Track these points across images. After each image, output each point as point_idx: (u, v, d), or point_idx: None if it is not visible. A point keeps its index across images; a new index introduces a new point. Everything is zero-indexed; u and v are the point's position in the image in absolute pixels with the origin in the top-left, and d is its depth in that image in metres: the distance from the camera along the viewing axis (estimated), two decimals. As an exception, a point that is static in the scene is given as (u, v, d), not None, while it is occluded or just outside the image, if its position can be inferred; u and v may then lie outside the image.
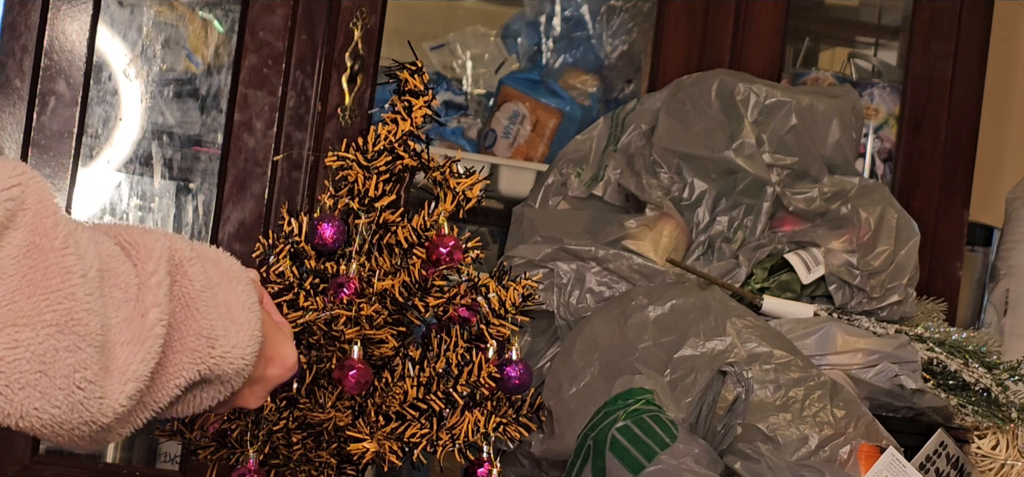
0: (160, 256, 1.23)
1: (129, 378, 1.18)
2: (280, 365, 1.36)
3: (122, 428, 1.22)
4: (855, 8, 2.99)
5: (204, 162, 2.51)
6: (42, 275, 1.15)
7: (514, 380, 1.80)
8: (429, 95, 1.82)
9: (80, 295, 1.16)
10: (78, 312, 1.15)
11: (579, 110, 2.71)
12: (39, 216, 1.15)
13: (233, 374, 1.28)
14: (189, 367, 1.25)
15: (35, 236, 1.15)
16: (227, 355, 1.27)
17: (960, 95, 2.64)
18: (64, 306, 1.15)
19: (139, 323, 1.20)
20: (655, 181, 2.15)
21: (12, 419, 1.15)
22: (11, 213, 1.14)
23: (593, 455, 1.79)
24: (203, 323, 1.25)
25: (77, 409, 1.16)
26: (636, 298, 1.97)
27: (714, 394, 1.87)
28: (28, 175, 1.16)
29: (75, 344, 1.15)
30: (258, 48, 2.39)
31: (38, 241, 1.15)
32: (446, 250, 1.78)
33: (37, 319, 1.14)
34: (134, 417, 1.23)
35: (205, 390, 1.29)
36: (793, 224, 2.16)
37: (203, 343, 1.25)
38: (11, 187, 1.14)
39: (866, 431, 1.84)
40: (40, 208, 1.16)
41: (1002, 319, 2.44)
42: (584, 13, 2.78)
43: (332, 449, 1.80)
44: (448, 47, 2.87)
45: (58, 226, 1.16)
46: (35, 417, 1.15)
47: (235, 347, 1.28)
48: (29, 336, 1.14)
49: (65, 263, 1.16)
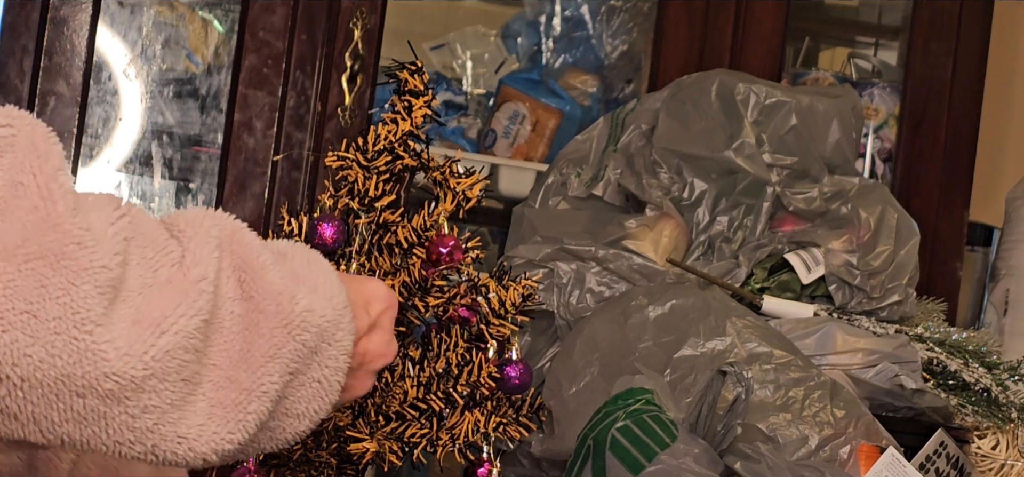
0: (208, 227, 1.13)
1: (166, 330, 1.05)
2: (379, 300, 1.25)
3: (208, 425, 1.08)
4: (855, 8, 2.99)
5: (204, 162, 2.51)
6: (24, 210, 1.03)
7: (514, 380, 1.80)
8: (429, 95, 1.82)
9: (68, 227, 1.03)
10: (67, 245, 1.03)
11: (579, 110, 2.71)
12: (28, 156, 1.04)
13: (333, 325, 1.17)
14: (279, 333, 1.13)
15: (21, 174, 1.04)
16: (313, 308, 1.15)
17: (960, 95, 2.64)
18: (50, 238, 1.03)
19: (180, 280, 1.08)
20: (655, 181, 2.15)
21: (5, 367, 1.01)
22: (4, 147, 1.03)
23: (593, 455, 1.79)
24: (276, 283, 1.14)
25: (86, 358, 1.02)
26: (636, 298, 1.97)
27: (714, 394, 1.87)
28: (22, 117, 1.07)
29: (69, 281, 1.02)
30: (258, 48, 2.39)
31: (24, 179, 1.04)
32: (446, 250, 1.78)
33: (18, 252, 1.02)
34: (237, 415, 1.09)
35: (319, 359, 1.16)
36: (793, 224, 2.16)
37: (285, 301, 1.14)
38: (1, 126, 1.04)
39: (866, 431, 1.84)
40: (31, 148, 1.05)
41: (1002, 319, 2.44)
42: (584, 13, 2.78)
43: (332, 449, 1.80)
44: (448, 47, 2.87)
45: (46, 164, 1.05)
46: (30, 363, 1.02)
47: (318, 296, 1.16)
48: (9, 270, 1.01)
49: (51, 194, 1.04)
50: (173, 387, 1.06)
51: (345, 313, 1.19)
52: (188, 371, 1.08)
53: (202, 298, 1.08)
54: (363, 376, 1.25)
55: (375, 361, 1.25)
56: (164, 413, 1.06)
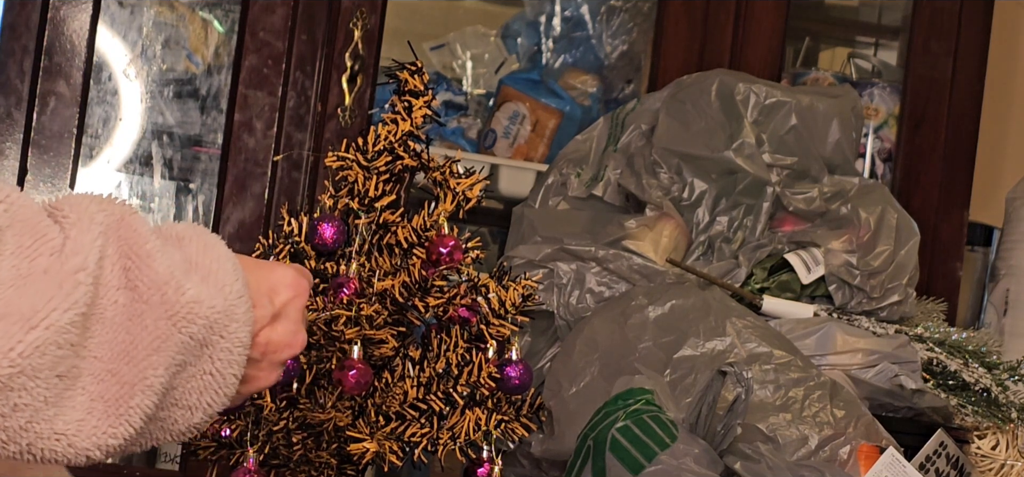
0: (93, 212, 1.08)
1: (36, 324, 1.00)
2: (286, 287, 1.21)
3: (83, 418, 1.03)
4: (855, 8, 2.99)
5: (204, 162, 2.51)
6: None
7: (514, 380, 1.80)
8: (429, 95, 1.82)
9: None
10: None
11: (579, 110, 2.71)
12: None
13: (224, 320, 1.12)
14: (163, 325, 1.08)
15: None
16: (201, 298, 1.10)
17: (960, 95, 2.64)
18: None
19: (57, 270, 1.03)
20: (655, 181, 2.15)
21: None
22: None
23: (593, 455, 1.79)
24: (160, 269, 1.09)
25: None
26: (636, 298, 1.97)
27: (714, 394, 1.87)
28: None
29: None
30: (258, 48, 2.39)
31: None
32: (446, 250, 1.78)
33: None
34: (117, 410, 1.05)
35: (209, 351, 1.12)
36: (793, 224, 2.16)
37: (171, 291, 1.09)
38: None
39: (866, 431, 1.84)
40: None
41: (1002, 319, 2.44)
42: (584, 13, 2.78)
43: (332, 449, 1.80)
44: (448, 47, 2.87)
45: None
46: None
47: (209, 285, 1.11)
48: None
49: None
50: (46, 383, 1.03)
51: (239, 303, 1.14)
52: (63, 366, 1.04)
53: (79, 289, 1.04)
54: (267, 368, 1.20)
55: (280, 352, 1.20)
56: (37, 411, 1.03)
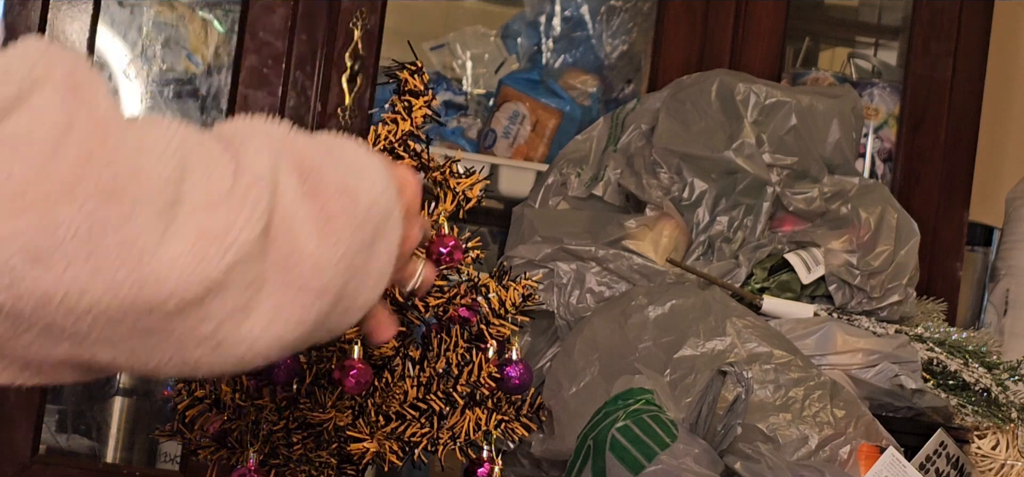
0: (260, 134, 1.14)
1: (228, 246, 1.06)
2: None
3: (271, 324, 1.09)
4: (855, 8, 2.99)
5: (204, 162, 2.51)
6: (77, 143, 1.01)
7: (514, 380, 1.80)
8: (429, 95, 1.82)
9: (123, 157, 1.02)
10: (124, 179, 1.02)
11: (579, 110, 2.71)
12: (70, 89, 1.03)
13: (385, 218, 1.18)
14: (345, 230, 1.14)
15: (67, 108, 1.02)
16: (376, 201, 1.17)
17: (960, 95, 2.64)
18: (109, 171, 1.02)
19: (238, 191, 1.08)
20: (655, 181, 2.15)
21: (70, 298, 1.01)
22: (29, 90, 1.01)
23: (593, 455, 1.79)
24: (337, 180, 1.15)
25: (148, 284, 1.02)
26: (636, 298, 1.97)
27: (714, 394, 1.87)
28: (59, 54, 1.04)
29: (128, 213, 1.02)
30: (258, 48, 2.39)
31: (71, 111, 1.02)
32: (446, 250, 1.78)
33: (76, 189, 1.01)
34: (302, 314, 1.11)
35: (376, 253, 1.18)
36: (793, 224, 2.16)
37: (347, 200, 1.15)
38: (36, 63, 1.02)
39: (866, 431, 1.84)
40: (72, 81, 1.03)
41: (1002, 319, 2.44)
42: (584, 13, 2.78)
43: (332, 449, 1.80)
44: (448, 47, 2.88)
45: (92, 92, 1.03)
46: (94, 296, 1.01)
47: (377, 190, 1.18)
48: (69, 212, 1.01)
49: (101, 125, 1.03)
50: (237, 293, 1.08)
51: (395, 202, 1.21)
52: (251, 275, 1.09)
53: (260, 205, 1.09)
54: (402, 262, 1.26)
55: (410, 243, 1.27)
56: (228, 316, 1.08)
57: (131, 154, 1.04)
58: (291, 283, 1.12)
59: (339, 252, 1.15)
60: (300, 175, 1.15)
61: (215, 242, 1.06)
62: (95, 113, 1.04)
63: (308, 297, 1.13)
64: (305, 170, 1.15)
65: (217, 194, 1.07)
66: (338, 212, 1.15)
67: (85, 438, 2.68)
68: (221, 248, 1.06)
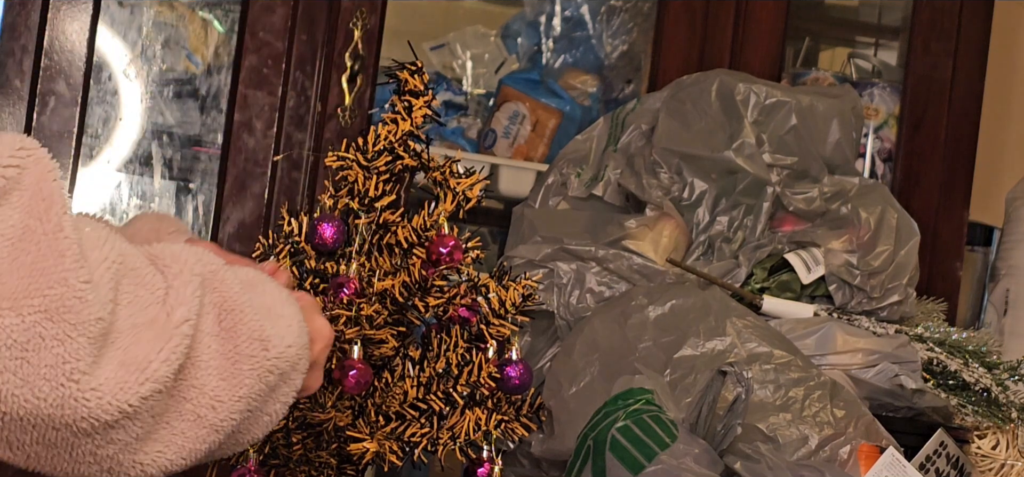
0: (191, 265, 1.18)
1: (148, 377, 1.11)
2: (322, 339, 1.32)
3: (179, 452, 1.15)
4: (855, 8, 2.99)
5: (204, 162, 2.51)
6: (32, 257, 1.07)
7: (514, 380, 1.80)
8: (429, 95, 1.82)
9: (73, 282, 1.08)
10: (69, 299, 1.08)
11: (579, 110, 2.71)
12: (35, 198, 1.08)
13: (291, 369, 1.23)
14: (250, 375, 1.19)
15: (29, 219, 1.08)
16: (283, 354, 1.22)
17: (960, 95, 2.64)
18: (55, 292, 1.07)
19: (164, 322, 1.13)
20: (655, 181, 2.15)
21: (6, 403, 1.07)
22: (4, 191, 1.07)
23: (593, 455, 1.79)
24: (253, 325, 1.20)
25: (68, 404, 1.08)
26: (636, 298, 1.97)
27: (714, 394, 1.87)
28: (31, 156, 1.09)
29: (65, 333, 1.07)
30: (258, 48, 2.39)
31: (31, 224, 1.08)
32: (446, 250, 1.78)
33: (24, 303, 1.06)
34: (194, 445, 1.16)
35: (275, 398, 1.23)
36: (793, 224, 2.16)
37: (257, 347, 1.20)
38: (7, 166, 1.07)
39: (866, 431, 1.84)
40: (37, 190, 1.08)
41: (1002, 319, 2.44)
42: (584, 13, 2.78)
43: (332, 449, 1.80)
44: (448, 47, 2.88)
45: (52, 209, 1.08)
46: (16, 403, 1.07)
47: (287, 341, 1.23)
48: (13, 322, 1.06)
49: (58, 247, 1.08)
50: (142, 423, 1.13)
51: (303, 353, 1.26)
52: (159, 408, 1.14)
53: (183, 341, 1.14)
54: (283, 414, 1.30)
55: (305, 391, 1.31)
56: (127, 445, 1.13)
57: (79, 280, 1.08)
58: (188, 414, 1.17)
59: (240, 394, 1.19)
60: (219, 312, 1.19)
61: (136, 372, 1.11)
62: (56, 231, 1.08)
63: (203, 430, 1.17)
64: (225, 308, 1.19)
65: (144, 322, 1.12)
66: (247, 357, 1.19)
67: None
68: (141, 378, 1.11)
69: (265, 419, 1.24)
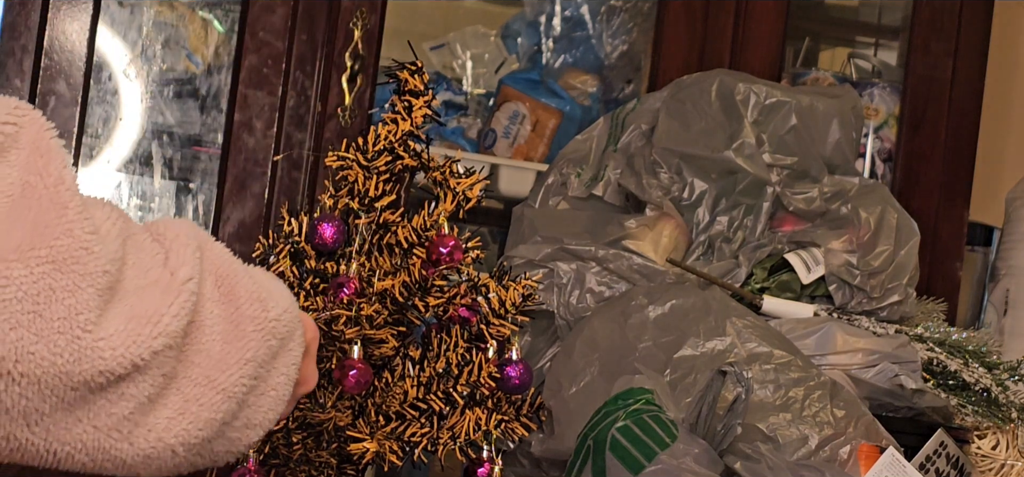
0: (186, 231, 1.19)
1: (160, 331, 1.11)
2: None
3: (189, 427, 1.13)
4: (855, 8, 2.99)
5: (204, 162, 2.51)
6: (35, 212, 1.07)
7: (514, 380, 1.80)
8: (429, 95, 1.82)
9: (78, 232, 1.08)
10: (76, 250, 1.07)
11: (579, 110, 2.71)
12: (33, 155, 1.08)
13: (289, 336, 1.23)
14: (254, 336, 1.19)
15: (28, 174, 1.07)
16: (281, 317, 1.22)
17: (960, 95, 2.64)
18: (61, 243, 1.07)
19: (168, 281, 1.13)
20: (655, 181, 2.15)
21: (8, 363, 1.05)
22: (2, 147, 1.07)
23: (593, 455, 1.79)
24: (250, 288, 1.21)
25: (85, 356, 1.07)
26: (636, 298, 1.97)
27: (714, 394, 1.87)
28: (26, 115, 1.09)
29: (74, 284, 1.07)
30: (258, 48, 2.39)
31: (31, 180, 1.07)
32: (446, 250, 1.78)
33: (30, 255, 1.06)
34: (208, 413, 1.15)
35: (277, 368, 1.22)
36: (793, 224, 2.16)
37: (258, 307, 1.20)
38: (5, 123, 1.07)
39: (866, 431, 1.84)
40: (35, 147, 1.08)
41: (1002, 319, 2.44)
42: (584, 13, 2.78)
43: (332, 449, 1.80)
44: (448, 47, 2.87)
45: (51, 164, 1.08)
46: (33, 361, 1.06)
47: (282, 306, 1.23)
48: (22, 273, 1.05)
49: (60, 199, 1.08)
50: (153, 381, 1.12)
51: (297, 324, 1.25)
52: (168, 367, 1.13)
53: (190, 299, 1.14)
54: (292, 400, 1.29)
55: (305, 384, 1.30)
56: (140, 405, 1.12)
57: (83, 233, 1.08)
58: (199, 379, 1.16)
59: (246, 356, 1.19)
60: (215, 278, 1.19)
61: (148, 325, 1.10)
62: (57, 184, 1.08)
63: (215, 395, 1.17)
64: (220, 274, 1.20)
65: (148, 284, 1.12)
66: (249, 318, 1.20)
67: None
68: (153, 331, 1.10)
69: (270, 394, 1.23)
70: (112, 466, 1.15)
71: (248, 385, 1.20)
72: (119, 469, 1.15)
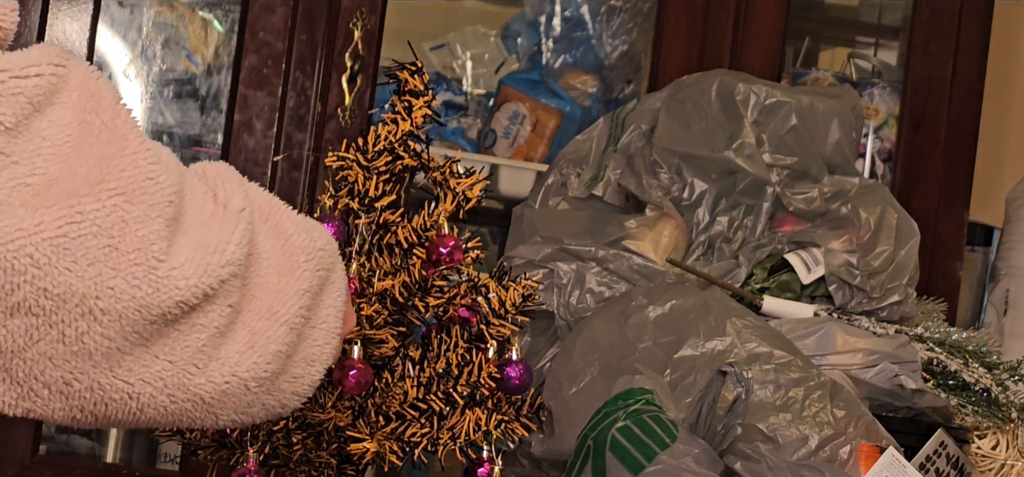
0: (228, 170, 1.19)
1: (228, 260, 1.11)
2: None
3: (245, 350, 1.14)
4: (855, 8, 2.99)
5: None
6: (97, 148, 1.06)
7: (514, 380, 1.80)
8: (429, 95, 1.82)
9: (142, 163, 1.08)
10: (143, 181, 1.07)
11: (579, 110, 2.71)
12: (83, 95, 1.07)
13: (333, 266, 1.24)
14: (306, 265, 1.20)
15: (83, 114, 1.07)
16: (325, 247, 1.23)
17: (960, 95, 2.64)
18: (128, 174, 1.06)
19: (223, 213, 1.14)
20: (655, 181, 2.15)
21: (89, 300, 1.04)
22: (54, 89, 1.06)
23: (593, 455, 1.79)
24: (293, 219, 1.22)
25: (163, 287, 1.07)
26: (636, 298, 1.97)
27: (714, 394, 1.87)
28: (71, 58, 1.09)
29: (145, 214, 1.06)
30: (258, 48, 2.39)
31: (87, 118, 1.07)
32: (446, 250, 1.78)
33: (100, 187, 1.05)
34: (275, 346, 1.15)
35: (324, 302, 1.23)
36: (793, 224, 2.16)
37: (305, 237, 1.21)
38: (55, 64, 1.07)
39: (866, 431, 1.84)
40: (84, 87, 1.08)
41: (1002, 319, 2.44)
42: (584, 13, 2.78)
43: (332, 449, 1.80)
44: (448, 47, 2.88)
45: (103, 101, 1.08)
46: (113, 297, 1.05)
47: (325, 236, 1.24)
48: (94, 207, 1.04)
49: (119, 132, 1.08)
50: (221, 311, 1.12)
51: (339, 257, 1.27)
52: (234, 297, 1.13)
53: (248, 227, 1.14)
54: (341, 338, 1.30)
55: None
56: (211, 335, 1.12)
57: (147, 163, 1.08)
58: (262, 311, 1.17)
59: (302, 286, 1.20)
60: (260, 213, 1.20)
61: (216, 253, 1.10)
62: (114, 118, 1.08)
63: (279, 327, 1.17)
64: (263, 211, 1.21)
65: (206, 218, 1.12)
66: (299, 248, 1.21)
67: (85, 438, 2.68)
68: (221, 259, 1.11)
69: (322, 328, 1.23)
70: (192, 406, 1.14)
71: (304, 316, 1.20)
72: (198, 409, 1.15)
